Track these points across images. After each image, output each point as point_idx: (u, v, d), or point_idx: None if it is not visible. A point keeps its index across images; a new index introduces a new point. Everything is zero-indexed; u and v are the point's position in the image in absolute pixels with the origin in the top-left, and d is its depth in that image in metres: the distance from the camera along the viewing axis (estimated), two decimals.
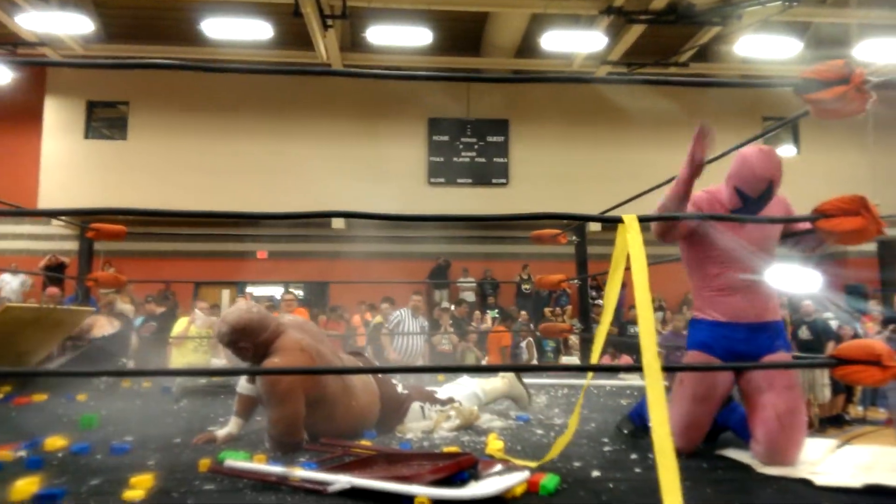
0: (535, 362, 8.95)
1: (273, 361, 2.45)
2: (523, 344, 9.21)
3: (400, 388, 2.91)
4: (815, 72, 1.87)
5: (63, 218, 6.65)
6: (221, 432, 2.59)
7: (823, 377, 7.72)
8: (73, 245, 11.25)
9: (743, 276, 2.26)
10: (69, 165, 12.07)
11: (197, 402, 3.61)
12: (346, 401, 2.57)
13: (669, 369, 2.04)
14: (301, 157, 12.38)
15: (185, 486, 1.88)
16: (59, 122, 12.45)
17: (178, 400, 3.66)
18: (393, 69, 12.94)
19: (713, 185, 2.42)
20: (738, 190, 2.25)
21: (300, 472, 1.85)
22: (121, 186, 11.54)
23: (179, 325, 6.36)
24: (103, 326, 4.56)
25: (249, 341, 2.51)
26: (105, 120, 13.29)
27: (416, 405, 2.90)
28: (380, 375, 2.89)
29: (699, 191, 2.40)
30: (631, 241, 1.78)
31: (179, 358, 6.04)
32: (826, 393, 7.93)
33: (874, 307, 9.72)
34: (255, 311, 2.58)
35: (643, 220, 1.84)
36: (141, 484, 1.82)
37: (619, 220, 1.82)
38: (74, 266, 8.30)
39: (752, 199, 2.23)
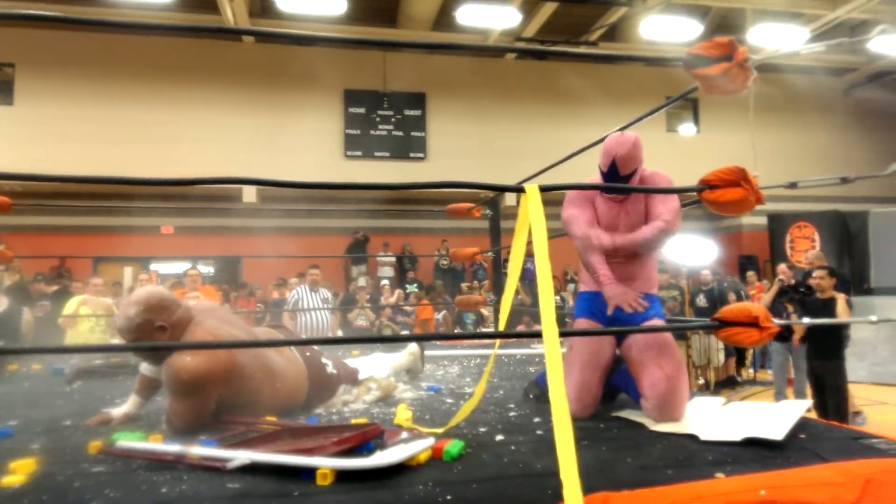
0: None
1: (183, 359, 2.18)
2: (439, 316, 9.31)
3: (330, 369, 2.80)
4: (701, 48, 1.96)
5: None
6: (118, 411, 2.46)
7: (718, 343, 8.28)
8: None
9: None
10: None
11: (92, 384, 3.41)
12: (269, 385, 2.43)
13: (566, 334, 2.11)
14: (208, 127, 11.84)
15: (72, 468, 1.78)
16: None
17: (70, 381, 3.45)
18: (307, 39, 12.58)
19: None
20: (600, 167, 2.43)
21: (198, 450, 1.79)
22: (6, 155, 10.64)
23: (70, 306, 5.94)
24: None
25: (165, 319, 2.29)
26: None
27: (343, 386, 2.85)
28: (308, 354, 2.76)
29: (587, 179, 2.54)
30: (532, 211, 1.82)
31: (74, 339, 5.68)
32: (721, 357, 8.52)
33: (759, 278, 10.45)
34: (156, 290, 2.38)
35: (544, 190, 1.88)
36: (22, 468, 1.71)
37: (521, 190, 1.85)
38: None
39: (605, 174, 2.39)
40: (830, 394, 5.17)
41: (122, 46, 11.82)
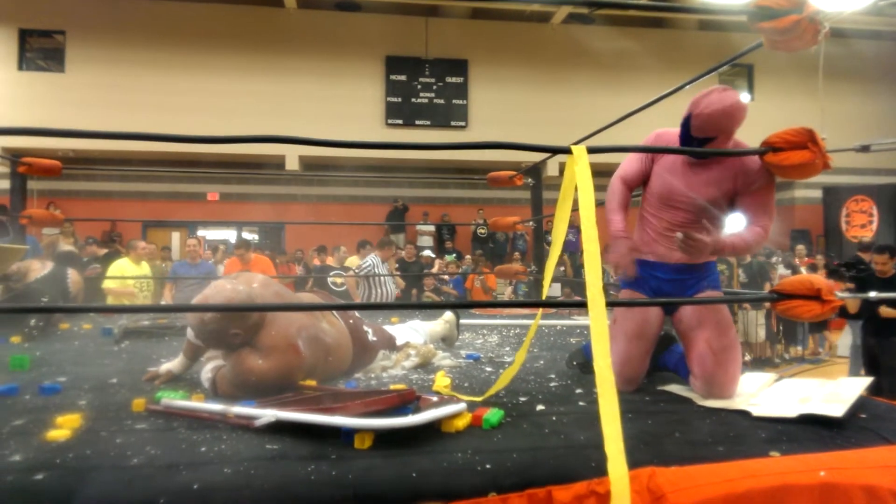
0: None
1: (256, 362, 2.14)
2: (477, 283, 9.30)
3: (371, 336, 2.80)
4: (767, 0, 1.82)
5: None
6: (163, 368, 2.50)
7: (758, 318, 8.01)
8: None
9: (676, 223, 2.23)
10: (2, 99, 11.32)
11: (139, 344, 3.49)
12: (323, 360, 2.43)
13: (613, 304, 2.02)
14: (254, 95, 11.89)
15: (115, 425, 1.80)
16: None
17: (118, 341, 3.54)
18: (349, 3, 12.47)
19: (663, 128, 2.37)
20: (683, 125, 2.15)
21: (235, 409, 1.79)
22: (58, 122, 10.90)
23: (118, 268, 6.06)
24: (36, 269, 4.34)
25: (240, 326, 2.16)
26: (41, 50, 12.46)
27: (381, 352, 2.86)
28: (351, 322, 2.73)
29: (651, 133, 2.38)
30: (579, 173, 1.73)
31: (120, 302, 5.82)
32: (761, 333, 8.25)
33: (816, 252, 10.05)
34: (242, 291, 2.23)
35: (592, 152, 1.79)
36: (67, 423, 1.74)
37: (567, 151, 1.76)
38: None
39: (682, 131, 2.14)
40: (885, 374, 4.95)
41: (169, 14, 11.92)
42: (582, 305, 1.71)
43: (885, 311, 4.91)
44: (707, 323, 2.21)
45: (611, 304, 1.86)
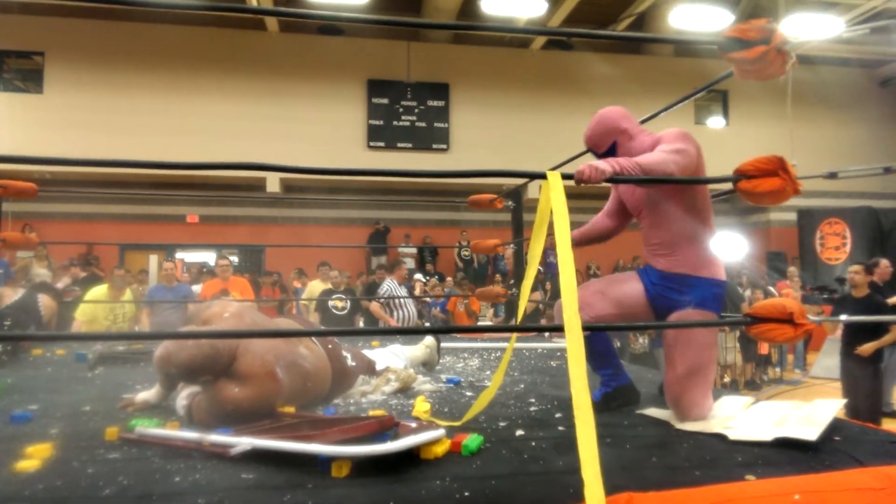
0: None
1: (233, 391, 2.09)
2: (461, 307, 9.29)
3: (349, 361, 2.78)
4: (737, 30, 1.88)
5: None
6: (139, 398, 2.46)
7: (726, 341, 8.07)
8: None
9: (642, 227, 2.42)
10: None
11: (114, 370, 3.43)
12: (301, 387, 2.39)
13: (589, 328, 2.02)
14: (232, 116, 11.90)
15: (87, 454, 1.77)
16: None
17: (92, 367, 3.47)
18: (331, 27, 12.58)
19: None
20: None
21: (211, 437, 1.77)
22: (35, 143, 10.77)
23: (98, 292, 5.97)
24: (7, 296, 4.26)
25: (210, 373, 2.13)
26: (18, 71, 12.39)
27: (361, 377, 2.84)
28: (330, 347, 2.71)
29: None
30: (554, 199, 1.76)
31: (94, 328, 5.71)
32: (732, 356, 8.30)
33: (792, 274, 10.22)
34: (204, 342, 2.11)
35: (566, 178, 1.82)
36: (37, 453, 1.71)
37: (542, 177, 1.79)
38: None
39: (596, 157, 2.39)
40: (864, 397, 5.02)
41: (149, 36, 11.92)
42: (559, 329, 1.72)
43: (863, 349, 4.97)
44: (680, 342, 2.22)
45: (587, 329, 1.87)
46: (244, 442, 1.69)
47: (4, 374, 3.24)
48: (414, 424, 1.88)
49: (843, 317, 4.82)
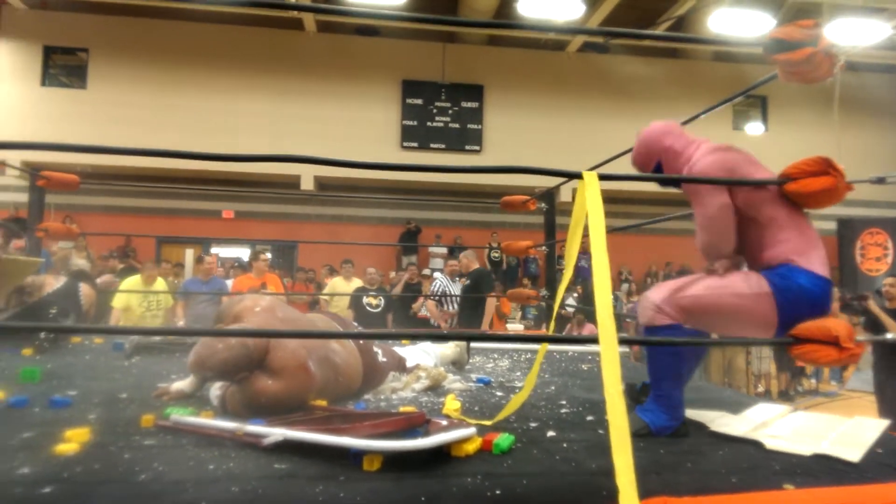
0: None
1: (266, 383, 2.11)
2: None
3: (380, 357, 2.80)
4: (783, 32, 1.83)
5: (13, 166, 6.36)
6: (174, 387, 2.50)
7: (761, 350, 7.88)
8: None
9: None
10: (24, 114, 11.55)
11: (150, 360, 3.50)
12: (333, 381, 2.41)
13: (625, 341, 1.99)
14: (270, 116, 12.07)
15: (123, 440, 1.80)
16: (13, 67, 11.90)
17: (129, 356, 3.55)
18: (368, 27, 12.67)
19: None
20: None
21: (245, 427, 1.79)
22: (79, 138, 11.05)
23: (132, 281, 6.10)
24: (49, 284, 4.38)
25: (244, 371, 2.15)
26: (63, 67, 12.74)
27: (392, 374, 2.86)
28: (361, 343, 2.70)
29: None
30: (590, 199, 1.73)
31: (130, 321, 5.85)
32: (767, 365, 8.13)
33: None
34: (235, 343, 2.12)
35: (604, 178, 1.79)
36: (76, 437, 1.74)
37: (578, 176, 1.77)
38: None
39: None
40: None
41: (190, 34, 12.16)
42: (593, 341, 1.69)
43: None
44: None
45: (623, 342, 1.83)
46: (277, 432, 1.71)
47: (45, 359, 3.34)
48: (445, 422, 1.87)
49: (890, 336, 4.66)
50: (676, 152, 2.21)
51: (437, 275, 7.13)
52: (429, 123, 12.82)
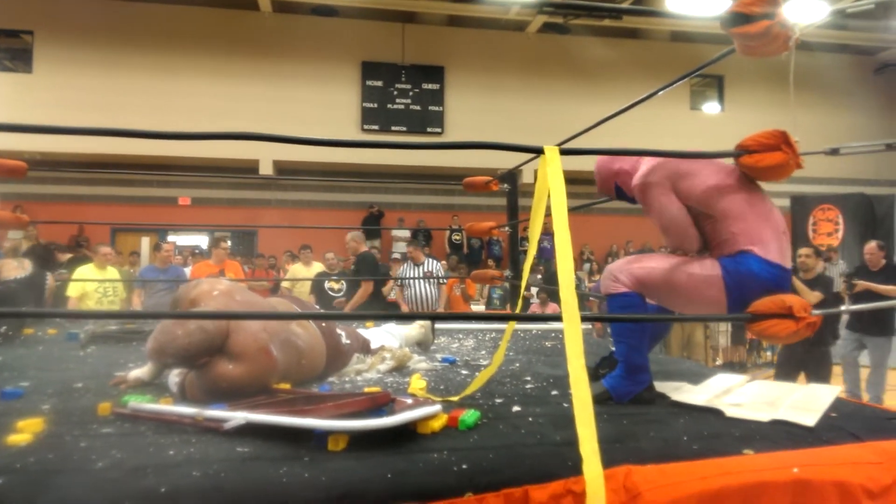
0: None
1: (227, 368, 2.07)
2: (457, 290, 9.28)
3: (344, 339, 2.77)
4: (741, 5, 1.85)
5: None
6: (131, 375, 2.43)
7: (719, 325, 8.13)
8: None
9: None
10: None
11: (106, 349, 3.40)
12: (296, 364, 2.38)
13: (588, 318, 2.01)
14: (224, 97, 11.77)
15: (79, 429, 1.75)
16: None
17: (84, 346, 3.44)
18: (325, 7, 12.44)
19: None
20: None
21: (205, 412, 1.75)
22: (25, 122, 10.63)
23: (85, 270, 5.94)
24: (13, 269, 4.19)
25: (205, 356, 2.10)
26: (7, 51, 12.21)
27: (356, 355, 2.83)
28: (324, 325, 2.69)
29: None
30: (551, 174, 1.73)
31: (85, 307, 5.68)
32: (724, 339, 8.38)
33: None
34: (194, 328, 2.07)
35: (565, 153, 1.79)
36: (28, 427, 1.68)
37: (539, 151, 1.76)
38: None
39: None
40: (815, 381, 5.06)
41: (140, 15, 11.76)
42: (556, 319, 1.70)
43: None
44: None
45: (586, 319, 1.85)
46: (239, 416, 1.68)
47: None
48: (410, 401, 1.87)
49: (844, 307, 4.84)
50: (626, 172, 2.33)
51: (403, 265, 7.19)
52: (389, 105, 12.70)
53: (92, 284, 5.72)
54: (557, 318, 1.65)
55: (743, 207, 2.04)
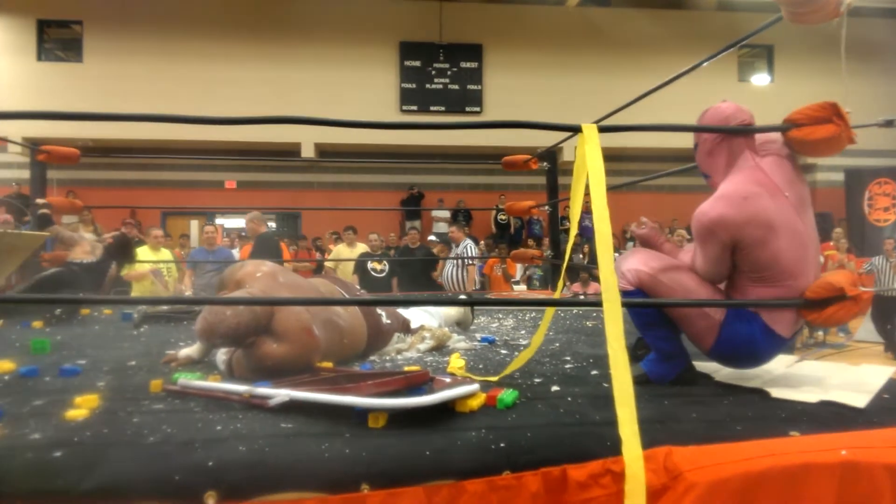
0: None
1: (271, 347, 2.14)
2: (498, 270, 9.28)
3: (384, 319, 2.82)
4: None
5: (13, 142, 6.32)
6: (182, 353, 2.52)
7: None
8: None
9: None
10: (21, 89, 11.44)
11: (158, 328, 3.53)
12: (338, 343, 2.44)
13: (628, 304, 1.96)
14: (269, 82, 11.90)
15: (132, 405, 1.82)
16: (8, 42, 11.76)
17: (138, 326, 3.58)
18: None
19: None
20: None
21: (251, 389, 1.80)
22: (75, 110, 10.98)
23: (140, 251, 6.17)
24: (83, 252, 4.36)
25: (253, 335, 2.15)
26: (58, 41, 12.58)
27: (396, 335, 2.88)
28: (366, 307, 2.76)
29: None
30: (589, 153, 1.70)
31: (140, 291, 5.89)
32: None
33: (838, 235, 9.92)
34: (242, 309, 2.12)
35: (603, 131, 1.76)
36: (85, 403, 1.76)
37: (577, 129, 1.73)
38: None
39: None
40: None
41: (185, 3, 11.96)
42: (597, 304, 1.68)
43: None
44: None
45: (626, 305, 1.82)
46: (283, 393, 1.72)
47: (55, 331, 3.37)
48: (448, 379, 1.88)
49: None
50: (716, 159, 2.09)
51: (465, 241, 7.34)
52: (427, 85, 12.64)
53: (149, 264, 5.96)
54: (597, 303, 1.63)
55: (778, 276, 1.90)
